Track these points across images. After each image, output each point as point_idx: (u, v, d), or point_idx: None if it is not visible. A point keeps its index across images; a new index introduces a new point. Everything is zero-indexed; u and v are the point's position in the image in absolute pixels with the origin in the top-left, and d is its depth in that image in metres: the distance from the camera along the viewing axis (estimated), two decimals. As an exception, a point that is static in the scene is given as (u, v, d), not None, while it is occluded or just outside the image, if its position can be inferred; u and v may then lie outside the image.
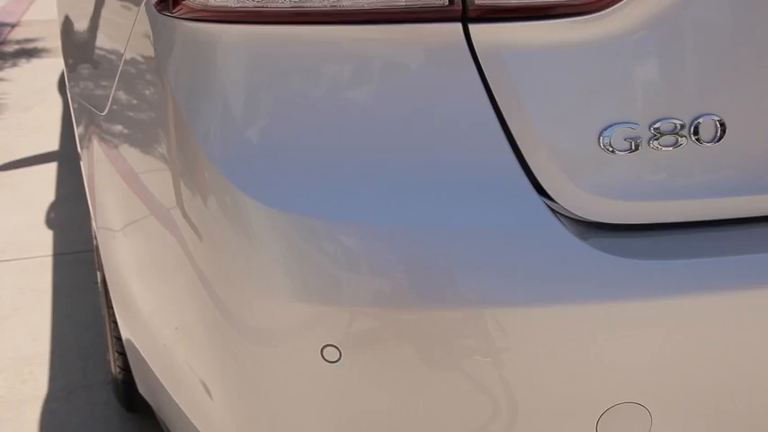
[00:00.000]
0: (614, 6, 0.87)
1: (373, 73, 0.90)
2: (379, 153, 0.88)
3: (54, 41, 5.10)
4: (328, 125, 0.89)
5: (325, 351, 0.88)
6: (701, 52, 0.90)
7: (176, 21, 0.92)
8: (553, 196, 0.90)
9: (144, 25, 1.00)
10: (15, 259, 2.51)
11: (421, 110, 0.89)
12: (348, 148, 0.88)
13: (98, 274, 1.81)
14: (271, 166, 0.88)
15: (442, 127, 0.89)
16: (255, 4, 0.87)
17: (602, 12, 0.87)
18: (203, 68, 0.91)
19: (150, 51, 0.99)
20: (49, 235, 2.67)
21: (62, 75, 4.28)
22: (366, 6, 0.87)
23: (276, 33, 0.89)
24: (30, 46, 5.24)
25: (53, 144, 3.49)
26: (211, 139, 0.90)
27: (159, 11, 0.94)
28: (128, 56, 1.08)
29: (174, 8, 0.91)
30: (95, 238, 1.54)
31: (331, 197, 0.87)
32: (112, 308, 1.40)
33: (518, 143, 0.89)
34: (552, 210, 0.89)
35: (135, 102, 1.08)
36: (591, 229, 0.91)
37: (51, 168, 3.23)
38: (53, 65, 4.70)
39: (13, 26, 5.87)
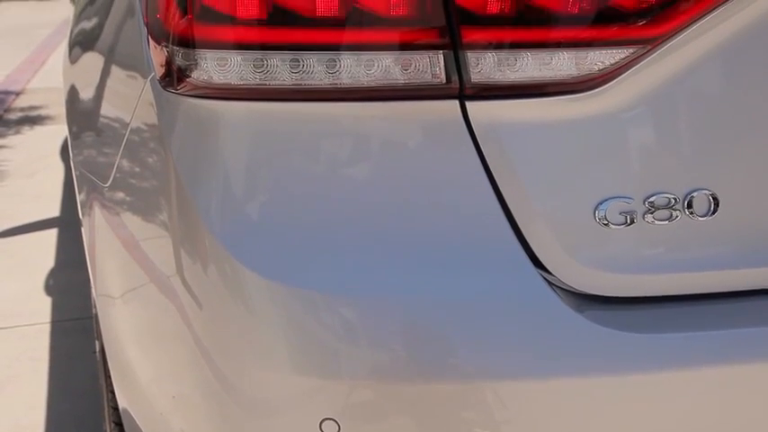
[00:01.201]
0: (606, 85, 0.89)
1: (372, 149, 0.91)
2: (378, 227, 0.89)
3: (57, 109, 5.17)
4: (327, 200, 0.90)
5: (324, 424, 0.88)
6: (692, 129, 0.92)
7: (180, 97, 0.94)
8: (550, 269, 0.91)
9: (149, 98, 1.02)
10: (13, 326, 2.51)
11: (419, 184, 0.90)
12: (347, 223, 0.89)
13: (96, 342, 1.81)
14: (270, 239, 0.90)
15: (441, 201, 0.90)
16: (258, 81, 0.89)
17: (595, 90, 0.89)
18: (206, 143, 0.93)
19: (155, 124, 1.01)
20: (47, 302, 2.66)
21: (65, 142, 4.33)
22: (366, 84, 0.89)
23: (277, 110, 0.91)
24: (33, 113, 5.32)
25: (54, 211, 3.51)
26: (212, 211, 0.91)
27: (164, 87, 0.96)
28: (134, 126, 1.10)
29: (178, 85, 0.93)
30: (94, 306, 1.54)
31: (330, 271, 0.88)
32: (110, 377, 1.39)
33: (515, 217, 0.90)
34: (549, 282, 0.90)
35: (138, 171, 1.10)
36: (587, 301, 0.92)
37: (52, 235, 3.24)
38: (56, 132, 4.76)
39: (17, 94, 5.95)
